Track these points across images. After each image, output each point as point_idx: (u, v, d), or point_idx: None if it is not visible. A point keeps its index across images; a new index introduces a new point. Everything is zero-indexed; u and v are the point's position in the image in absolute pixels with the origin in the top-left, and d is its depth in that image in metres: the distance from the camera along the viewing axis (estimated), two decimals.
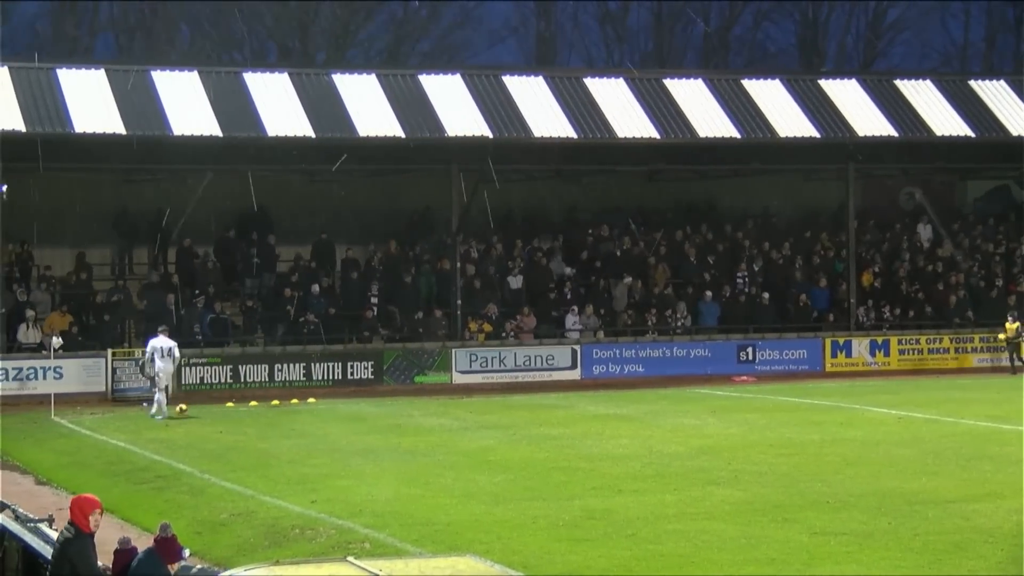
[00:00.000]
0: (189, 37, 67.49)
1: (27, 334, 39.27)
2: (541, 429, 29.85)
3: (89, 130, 39.00)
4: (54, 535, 13.29)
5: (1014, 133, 46.24)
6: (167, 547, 12.27)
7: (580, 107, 43.49)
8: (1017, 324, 43.77)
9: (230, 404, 36.65)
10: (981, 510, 19.47)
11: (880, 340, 45.40)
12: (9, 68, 40.67)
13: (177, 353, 34.34)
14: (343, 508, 20.37)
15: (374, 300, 43.06)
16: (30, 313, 39.44)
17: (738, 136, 44.13)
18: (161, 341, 34.14)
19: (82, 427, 32.04)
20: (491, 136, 42.04)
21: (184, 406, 34.01)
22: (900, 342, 45.47)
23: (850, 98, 46.20)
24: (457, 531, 18.65)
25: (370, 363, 41.10)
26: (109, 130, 39.10)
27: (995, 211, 52.16)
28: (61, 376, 37.38)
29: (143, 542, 13.31)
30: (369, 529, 18.78)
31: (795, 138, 44.70)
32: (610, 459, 25.06)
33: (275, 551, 17.69)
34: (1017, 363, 43.44)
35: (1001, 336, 44.17)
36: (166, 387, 34.06)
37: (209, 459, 25.90)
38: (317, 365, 40.56)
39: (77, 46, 64.87)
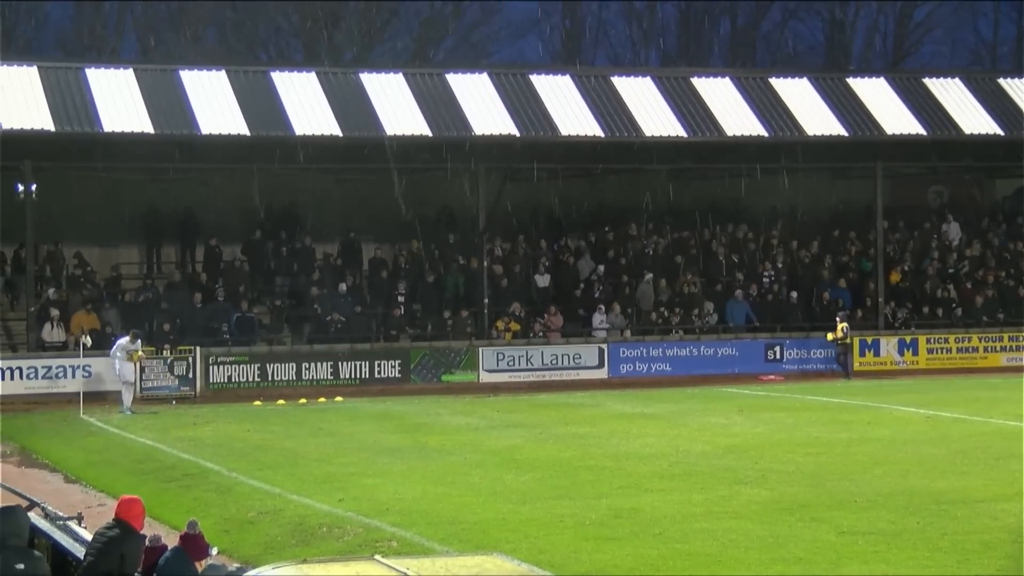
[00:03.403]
0: (215, 37, 67.65)
1: (52, 333, 39.41)
2: (568, 428, 29.83)
3: (118, 129, 39.14)
4: (84, 533, 13.33)
5: None
6: (193, 544, 12.32)
7: (607, 105, 43.46)
8: (845, 324, 42.74)
9: (257, 403, 36.75)
10: (1010, 509, 19.37)
11: (908, 339, 45.25)
12: (38, 68, 40.87)
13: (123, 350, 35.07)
14: (370, 506, 20.38)
15: (401, 299, 43.11)
16: (55, 312, 39.58)
17: (766, 134, 44.05)
18: (122, 340, 35.28)
19: (110, 425, 32.17)
20: (518, 135, 42.05)
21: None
22: (929, 341, 45.30)
23: (878, 96, 46.06)
24: (484, 530, 18.64)
25: (397, 362, 41.13)
26: (137, 129, 39.25)
27: None
28: (90, 375, 37.48)
29: (171, 540, 13.35)
30: (396, 528, 18.79)
31: (823, 136, 44.59)
32: (637, 458, 25.03)
33: (302, 549, 17.72)
34: (840, 367, 42.49)
35: (830, 336, 42.95)
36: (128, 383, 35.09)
37: (236, 457, 25.96)
38: (344, 364, 40.61)
39: (104, 46, 65.09)
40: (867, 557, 16.83)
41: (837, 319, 43.24)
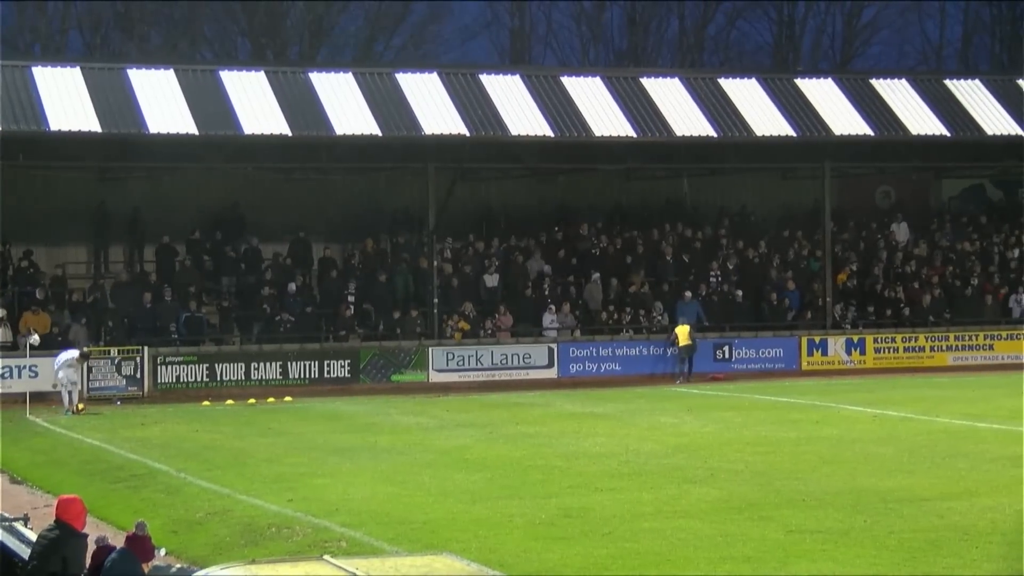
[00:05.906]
0: (161, 34, 67.23)
1: None
2: (518, 427, 29.86)
3: (64, 128, 38.87)
4: (30, 534, 13.24)
5: (989, 132, 46.38)
6: (140, 546, 12.24)
7: (557, 106, 43.49)
8: (688, 327, 42.37)
9: (206, 403, 36.61)
10: (956, 508, 19.53)
11: (856, 339, 45.51)
12: None
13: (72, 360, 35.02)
14: (320, 507, 20.34)
15: (351, 299, 43.03)
16: (0, 312, 39.24)
17: (715, 135, 44.19)
18: (69, 354, 34.98)
19: (57, 426, 31.97)
20: (468, 134, 42.00)
21: (82, 405, 34.83)
22: (876, 341, 45.58)
23: (826, 97, 46.27)
24: (434, 529, 18.63)
25: (347, 362, 41.05)
26: (85, 128, 38.97)
27: (970, 210, 52.37)
28: (36, 375, 37.17)
29: (119, 541, 13.27)
30: (345, 528, 18.76)
31: (771, 137, 44.78)
32: (587, 457, 25.08)
33: (251, 550, 17.66)
34: (684, 370, 41.84)
35: (681, 341, 42.29)
36: (70, 391, 34.83)
37: (185, 458, 25.85)
38: (294, 364, 40.50)
39: (49, 44, 64.59)
40: (815, 555, 16.92)
41: (679, 321, 42.82)
